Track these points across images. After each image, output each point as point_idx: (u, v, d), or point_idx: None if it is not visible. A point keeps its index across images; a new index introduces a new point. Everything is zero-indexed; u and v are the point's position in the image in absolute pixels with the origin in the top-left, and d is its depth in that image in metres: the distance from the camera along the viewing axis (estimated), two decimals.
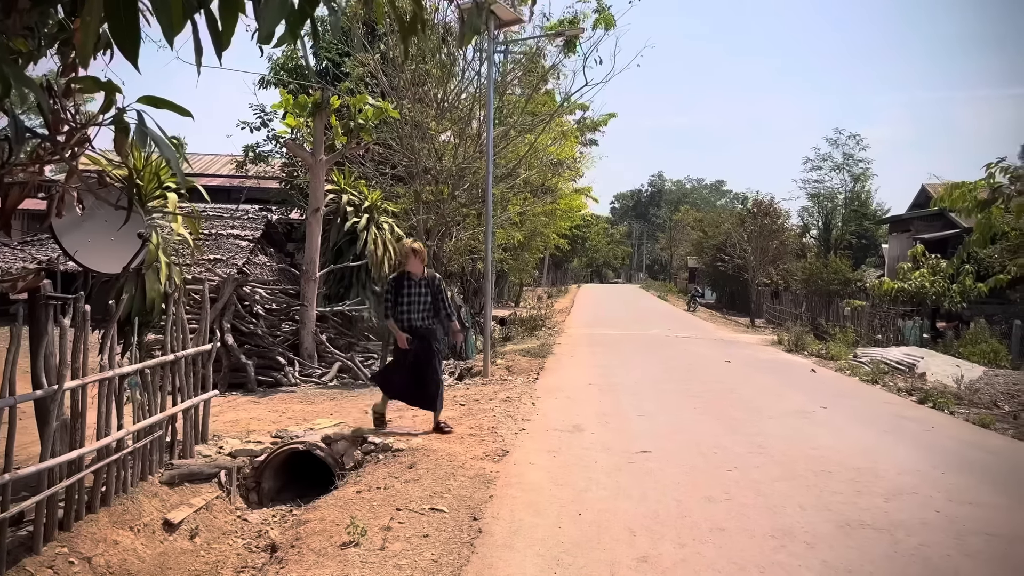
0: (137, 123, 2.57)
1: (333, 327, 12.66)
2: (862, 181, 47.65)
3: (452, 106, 16.70)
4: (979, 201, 10.81)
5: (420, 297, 7.63)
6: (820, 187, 48.17)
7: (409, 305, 7.59)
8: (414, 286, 7.62)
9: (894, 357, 15.92)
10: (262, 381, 10.28)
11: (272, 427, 7.56)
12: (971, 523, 5.25)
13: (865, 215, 46.13)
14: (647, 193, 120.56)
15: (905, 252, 25.55)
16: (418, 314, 7.60)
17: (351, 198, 13.96)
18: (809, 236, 46.78)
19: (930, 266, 21.89)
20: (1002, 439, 8.86)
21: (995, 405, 11.53)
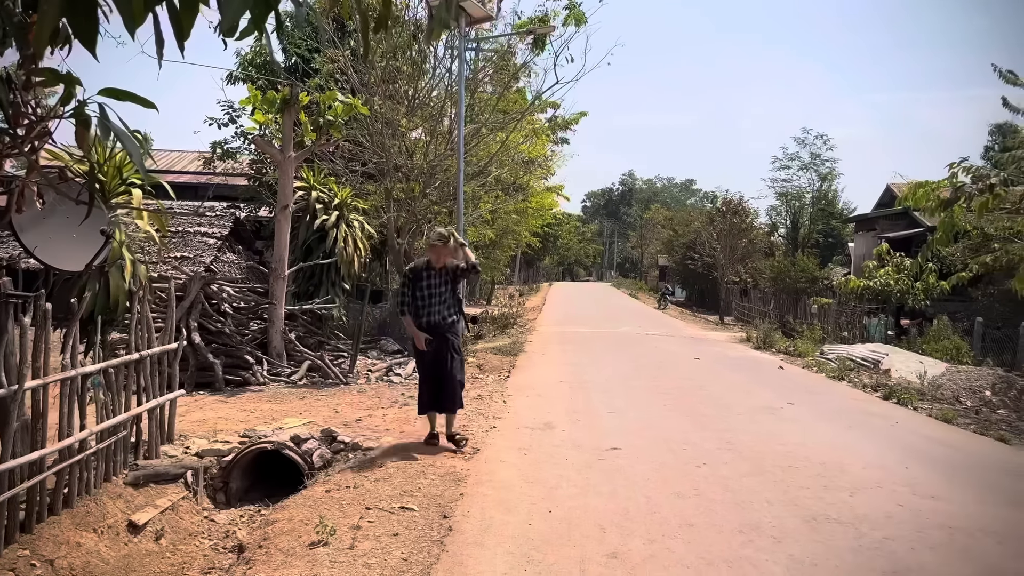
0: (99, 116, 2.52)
1: (302, 326, 12.55)
2: (829, 180, 48.31)
3: (423, 103, 16.63)
4: (942, 200, 11.02)
5: (439, 289, 6.91)
6: (788, 186, 48.76)
7: (428, 299, 6.88)
8: (433, 277, 6.90)
9: (860, 354, 16.15)
10: (230, 380, 10.16)
11: (240, 427, 7.47)
12: (934, 516, 5.35)
13: (832, 214, 46.76)
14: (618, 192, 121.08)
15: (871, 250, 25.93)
16: (437, 308, 6.90)
17: (320, 195, 13.85)
18: (777, 235, 47.33)
19: (895, 264, 22.25)
20: (964, 434, 9.03)
21: (957, 400, 11.74)
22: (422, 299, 6.90)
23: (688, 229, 43.65)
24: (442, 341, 6.94)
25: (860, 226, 35.48)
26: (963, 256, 17.73)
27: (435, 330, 6.91)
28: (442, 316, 6.94)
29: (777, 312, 27.74)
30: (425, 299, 6.90)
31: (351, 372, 11.33)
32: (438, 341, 6.92)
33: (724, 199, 38.10)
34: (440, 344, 6.92)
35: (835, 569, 4.32)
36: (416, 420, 8.25)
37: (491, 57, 17.91)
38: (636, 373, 13.22)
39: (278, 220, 11.46)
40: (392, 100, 15.76)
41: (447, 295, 6.98)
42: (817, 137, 48.00)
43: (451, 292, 7.02)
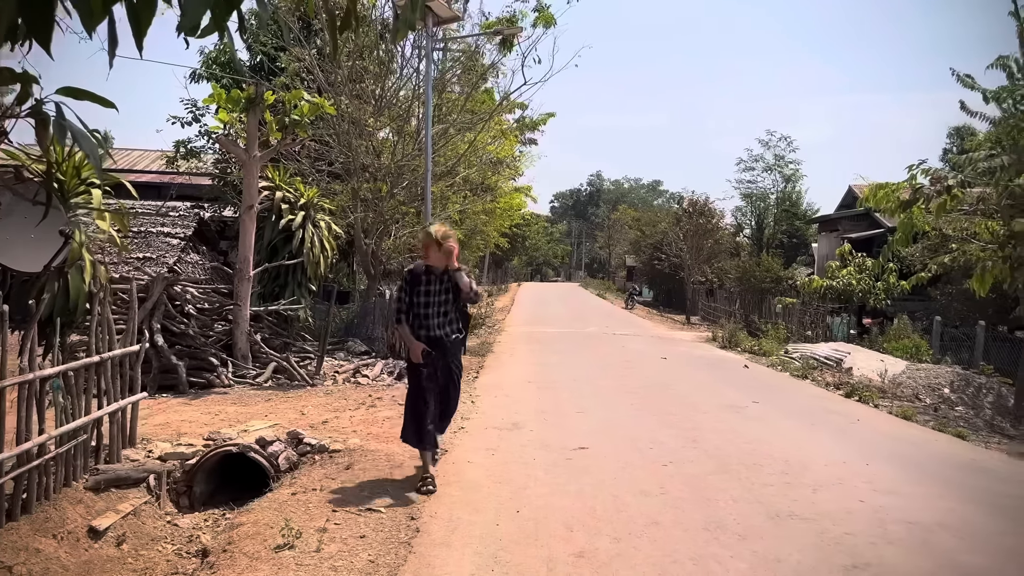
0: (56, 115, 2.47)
1: (268, 327, 12.42)
2: (793, 182, 48.94)
3: (390, 103, 16.56)
4: (901, 202, 11.24)
5: (439, 298, 5.95)
6: (753, 187, 49.32)
7: (426, 308, 5.93)
8: (433, 283, 5.94)
9: (823, 353, 16.41)
10: (194, 383, 10.02)
11: (204, 429, 7.38)
12: (893, 511, 5.45)
13: (796, 215, 47.39)
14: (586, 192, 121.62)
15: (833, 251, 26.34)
16: (437, 320, 5.94)
17: (287, 195, 13.72)
18: (742, 235, 47.84)
19: (856, 264, 22.63)
20: (922, 431, 9.23)
21: (916, 398, 11.98)
22: (419, 308, 5.93)
23: (655, 230, 43.98)
24: (442, 363, 6.00)
25: (823, 227, 36.03)
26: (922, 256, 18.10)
27: (434, 347, 5.93)
28: (444, 331, 5.98)
29: (742, 312, 28.06)
30: (422, 308, 5.93)
31: (318, 374, 11.24)
32: (437, 361, 5.96)
33: (690, 200, 38.42)
34: (439, 366, 5.98)
35: (797, 564, 4.39)
36: (384, 421, 8.22)
37: (459, 57, 17.90)
38: (604, 373, 13.29)
39: (243, 220, 11.33)
40: (359, 100, 15.67)
41: (449, 306, 6.01)
42: (781, 139, 48.66)
43: (454, 303, 6.04)
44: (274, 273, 13.15)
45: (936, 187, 10.81)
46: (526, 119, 21.96)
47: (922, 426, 9.55)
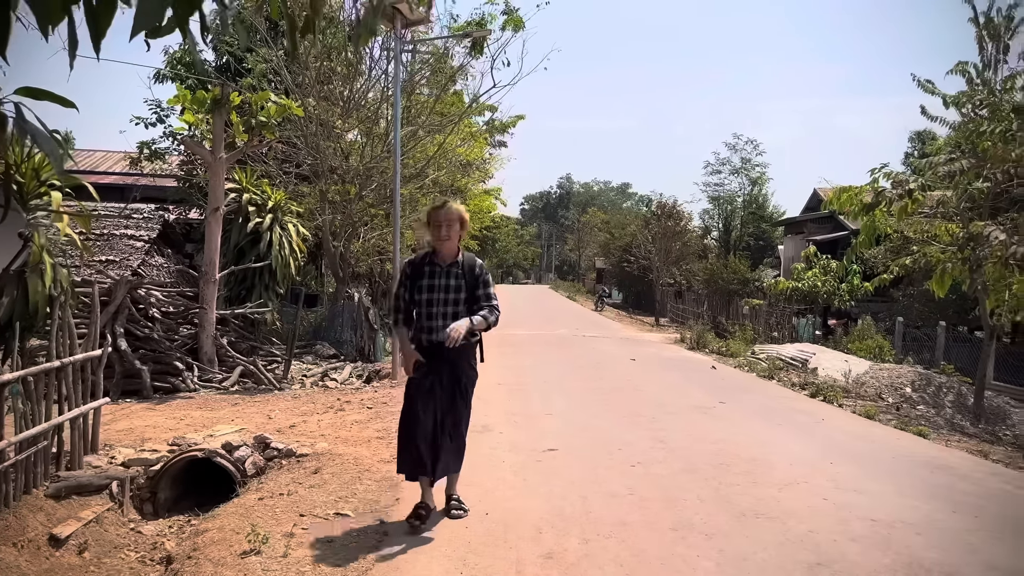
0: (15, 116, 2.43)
1: (235, 330, 12.29)
2: (759, 185, 49.56)
3: (359, 105, 16.48)
4: (864, 205, 11.44)
5: (447, 294, 4.92)
6: (720, 190, 49.86)
7: (430, 306, 4.91)
8: (439, 275, 4.94)
9: (789, 353, 16.63)
10: (159, 387, 9.88)
11: (169, 435, 7.28)
12: (856, 509, 5.55)
13: (762, 217, 48.00)
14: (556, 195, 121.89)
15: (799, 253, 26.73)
16: (445, 320, 4.84)
17: (254, 197, 13.60)
18: (710, 238, 48.37)
19: (821, 266, 22.98)
20: (885, 429, 9.39)
21: (880, 397, 12.20)
22: (421, 306, 4.94)
23: (624, 232, 44.27)
24: (447, 373, 4.95)
25: (789, 229, 36.55)
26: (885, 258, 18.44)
27: (438, 355, 4.89)
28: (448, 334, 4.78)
29: (710, 313, 28.35)
30: (424, 306, 4.92)
31: (285, 377, 11.15)
32: (440, 371, 4.93)
33: (659, 203, 38.74)
34: (444, 378, 4.95)
35: (763, 563, 4.45)
36: (352, 425, 8.18)
37: (428, 59, 17.86)
38: (573, 374, 13.34)
39: (209, 222, 11.20)
40: (327, 101, 15.58)
41: (460, 306, 4.92)
42: (747, 142, 49.30)
43: (465, 302, 4.95)
44: (241, 276, 13.03)
45: (898, 191, 11.02)
46: (496, 121, 21.98)
47: (885, 425, 9.72)
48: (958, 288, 12.50)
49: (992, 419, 11.53)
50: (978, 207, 11.39)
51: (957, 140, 12.82)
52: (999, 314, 11.49)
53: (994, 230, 10.08)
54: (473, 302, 4.96)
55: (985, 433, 10.45)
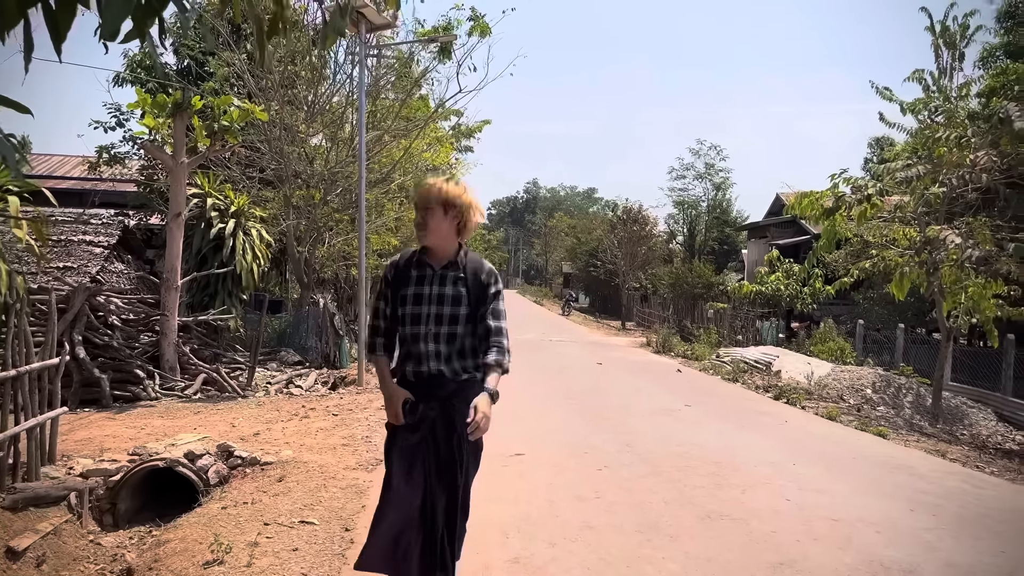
0: None
1: (197, 338, 12.11)
2: (723, 190, 50.08)
3: (323, 109, 16.37)
4: (825, 209, 11.65)
5: (441, 307, 3.36)
6: (684, 195, 50.25)
7: (416, 324, 3.37)
8: (429, 281, 3.40)
9: (753, 356, 16.84)
10: (119, 396, 9.69)
11: (129, 444, 7.15)
12: (818, 509, 5.64)
13: (726, 222, 48.52)
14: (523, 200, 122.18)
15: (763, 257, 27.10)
16: (437, 346, 3.36)
17: (216, 202, 13.42)
18: (675, 242, 48.76)
19: (784, 270, 23.32)
20: (847, 430, 9.55)
21: (841, 399, 12.40)
22: (407, 325, 3.39)
23: (590, 237, 44.51)
24: (440, 424, 3.36)
25: (752, 233, 37.01)
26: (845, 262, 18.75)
27: (430, 391, 3.37)
28: (446, 366, 3.36)
29: (676, 317, 28.60)
30: (410, 325, 3.38)
31: (249, 385, 11.01)
32: (430, 419, 3.36)
33: (624, 207, 39.02)
34: (436, 428, 3.36)
35: (727, 564, 4.50)
36: (317, 432, 8.11)
37: (393, 64, 17.80)
38: (540, 379, 13.37)
39: (170, 228, 11.03)
40: (291, 105, 15.45)
41: (459, 325, 3.35)
42: (711, 148, 49.76)
43: (466, 320, 3.36)
44: (203, 282, 12.85)
45: (857, 196, 11.24)
46: (462, 126, 21.98)
47: (846, 426, 9.88)
48: (916, 291, 12.77)
49: (950, 419, 11.79)
50: (934, 211, 11.65)
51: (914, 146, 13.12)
52: (955, 316, 11.76)
53: (949, 234, 10.33)
54: (486, 309, 3.33)
55: (943, 433, 10.68)
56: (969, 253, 9.99)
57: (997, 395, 13.69)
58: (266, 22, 2.31)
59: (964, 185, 11.00)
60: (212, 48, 14.82)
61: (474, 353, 3.36)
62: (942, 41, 19.35)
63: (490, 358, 3.28)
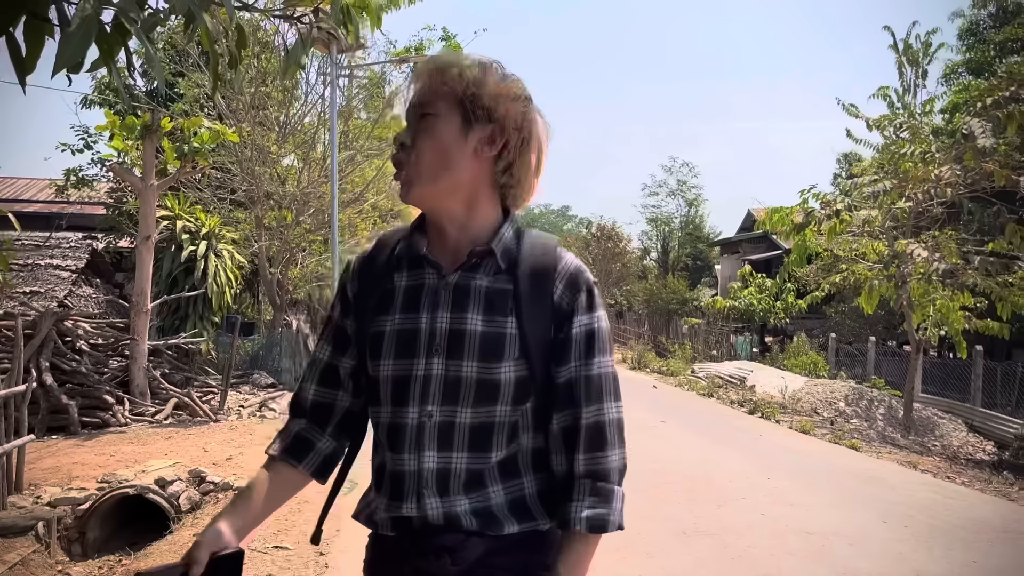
0: None
1: (168, 361, 11.95)
2: (695, 206, 50.54)
3: (295, 130, 16.34)
4: (795, 225, 11.81)
5: (462, 365, 1.34)
6: (657, 212, 50.63)
7: (398, 404, 1.37)
8: (436, 300, 1.38)
9: (727, 371, 16.96)
10: (87, 423, 9.52)
11: (98, 471, 7.02)
12: (791, 523, 5.68)
13: (699, 238, 48.94)
14: None
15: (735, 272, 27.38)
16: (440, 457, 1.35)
17: (187, 224, 13.31)
18: (649, 258, 49.11)
19: (757, 285, 23.56)
20: (820, 443, 9.64)
21: (815, 412, 12.51)
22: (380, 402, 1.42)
23: None
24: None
25: (725, 249, 37.37)
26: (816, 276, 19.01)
27: (425, 566, 1.39)
28: (469, 502, 1.36)
29: (651, 333, 28.77)
30: (387, 402, 1.40)
31: (221, 409, 10.88)
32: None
33: (598, 225, 39.25)
34: None
35: None
36: None
37: (365, 84, 17.83)
38: None
39: (140, 251, 10.91)
40: (262, 126, 15.40)
41: (497, 402, 1.35)
42: (683, 165, 50.27)
43: (516, 391, 1.35)
44: (174, 305, 12.72)
45: (826, 211, 11.42)
46: None
47: (819, 439, 9.97)
48: (886, 304, 12.96)
49: (921, 430, 11.93)
50: (901, 226, 11.85)
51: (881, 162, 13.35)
52: (925, 328, 11.94)
53: (917, 248, 10.51)
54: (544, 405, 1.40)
55: (915, 444, 10.81)
56: (936, 266, 10.17)
57: (967, 406, 13.89)
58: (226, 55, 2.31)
59: (930, 200, 11.22)
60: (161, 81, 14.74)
61: (538, 469, 1.43)
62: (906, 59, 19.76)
63: (581, 510, 1.35)
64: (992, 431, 12.26)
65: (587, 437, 1.36)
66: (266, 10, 2.59)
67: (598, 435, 1.37)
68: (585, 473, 1.36)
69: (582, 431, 1.36)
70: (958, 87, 20.50)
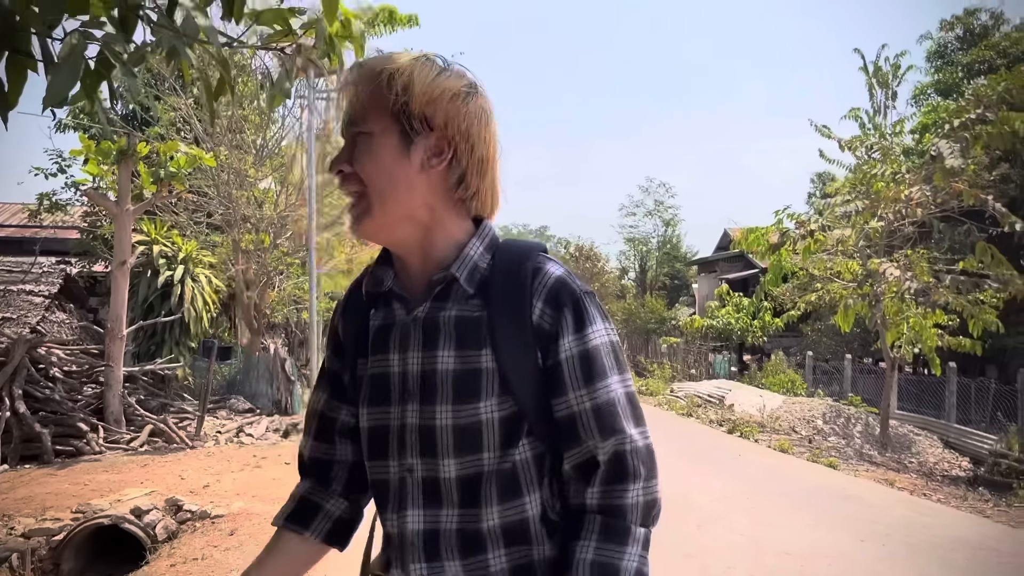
0: None
1: (143, 388, 11.81)
2: (672, 226, 50.96)
3: (272, 153, 16.32)
4: (771, 245, 11.96)
5: (435, 411, 1.18)
6: (635, 232, 51.02)
7: (377, 458, 1.26)
8: (404, 339, 1.23)
9: (706, 391, 17.05)
10: (61, 451, 9.37)
11: (73, 501, 6.90)
12: (771, 543, 5.70)
13: (676, 257, 49.30)
14: None
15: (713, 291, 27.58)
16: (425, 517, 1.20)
17: (164, 249, 13.22)
18: (627, 278, 49.37)
19: (734, 304, 23.77)
20: (799, 462, 9.70)
21: (793, 431, 12.60)
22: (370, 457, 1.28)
23: None
24: None
25: (702, 268, 37.67)
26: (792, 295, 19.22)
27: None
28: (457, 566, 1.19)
29: (630, 352, 28.86)
30: (369, 457, 1.28)
31: (198, 435, 10.76)
32: None
33: (576, 245, 39.46)
34: None
35: None
36: (271, 482, 7.95)
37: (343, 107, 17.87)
38: None
39: (115, 276, 10.81)
40: (239, 150, 15.37)
41: (481, 449, 1.18)
42: (660, 185, 50.73)
43: (505, 436, 1.18)
44: (150, 331, 12.60)
45: (801, 231, 11.58)
46: None
47: (798, 458, 10.04)
48: (862, 322, 13.12)
49: (897, 447, 12.05)
50: (874, 245, 12.04)
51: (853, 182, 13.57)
52: (899, 346, 12.10)
53: (889, 267, 10.67)
54: (557, 462, 1.23)
55: (892, 462, 10.91)
56: (908, 285, 10.33)
57: (942, 422, 14.06)
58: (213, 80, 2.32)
59: (901, 219, 11.41)
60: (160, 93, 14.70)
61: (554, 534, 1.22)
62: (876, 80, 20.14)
63: (586, 552, 1.14)
64: (967, 447, 12.41)
65: (605, 471, 1.16)
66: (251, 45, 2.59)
67: (619, 466, 1.16)
68: (597, 508, 1.16)
69: (600, 466, 1.16)
70: (927, 108, 20.94)
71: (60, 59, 1.54)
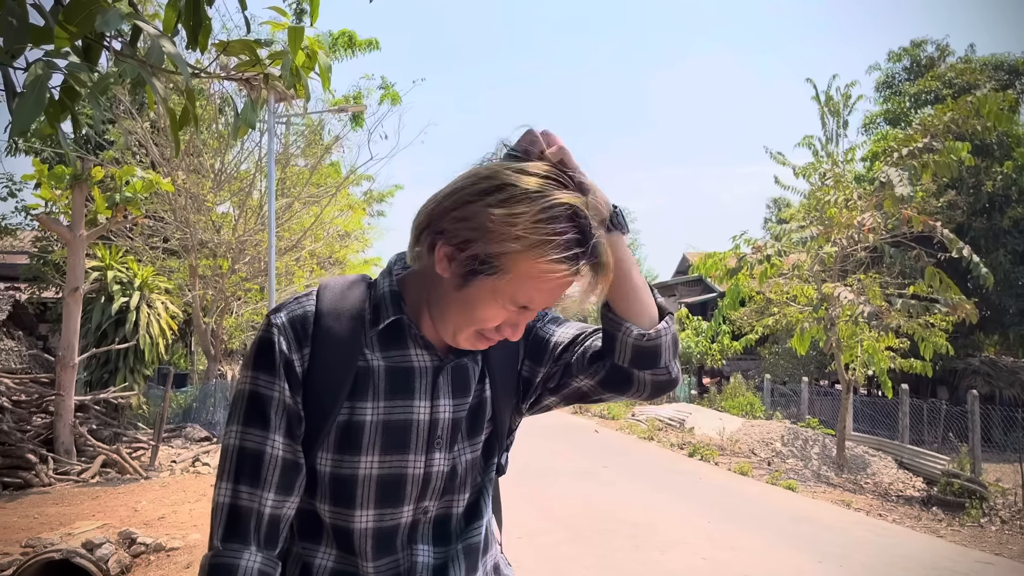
0: None
1: (95, 417, 11.51)
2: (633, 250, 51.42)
3: (231, 177, 16.17)
4: (728, 269, 12.15)
5: (456, 452, 1.24)
6: None
7: (389, 504, 1.18)
8: (436, 385, 1.21)
9: (667, 414, 17.17)
10: (8, 483, 9.09)
11: (22, 535, 6.69)
12: (732, 566, 5.75)
13: None
14: None
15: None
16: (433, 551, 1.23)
17: (118, 275, 12.96)
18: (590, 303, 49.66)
19: (693, 327, 24.03)
20: (758, 485, 9.81)
21: (752, 453, 12.74)
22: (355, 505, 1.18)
23: None
24: None
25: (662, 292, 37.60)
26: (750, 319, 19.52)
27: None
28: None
29: None
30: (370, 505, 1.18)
31: (152, 465, 10.51)
32: None
33: None
34: None
35: None
36: None
37: (303, 131, 17.82)
38: None
39: (67, 303, 10.56)
40: (197, 174, 15.20)
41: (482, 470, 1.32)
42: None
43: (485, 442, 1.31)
44: (104, 358, 12.31)
45: (757, 256, 11.78)
46: (373, 192, 22.08)
47: (757, 480, 10.15)
48: (817, 345, 13.36)
49: (854, 468, 12.24)
50: (828, 270, 12.30)
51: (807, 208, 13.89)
52: (853, 369, 12.34)
53: (843, 291, 10.90)
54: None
55: (848, 483, 11.08)
56: (861, 309, 10.56)
57: (896, 443, 14.32)
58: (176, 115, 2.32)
59: (854, 244, 11.68)
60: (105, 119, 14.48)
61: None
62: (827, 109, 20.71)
63: None
64: (920, 467, 12.66)
65: None
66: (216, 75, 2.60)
67: None
68: None
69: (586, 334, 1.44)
70: (877, 136, 21.57)
71: (25, 88, 1.53)
